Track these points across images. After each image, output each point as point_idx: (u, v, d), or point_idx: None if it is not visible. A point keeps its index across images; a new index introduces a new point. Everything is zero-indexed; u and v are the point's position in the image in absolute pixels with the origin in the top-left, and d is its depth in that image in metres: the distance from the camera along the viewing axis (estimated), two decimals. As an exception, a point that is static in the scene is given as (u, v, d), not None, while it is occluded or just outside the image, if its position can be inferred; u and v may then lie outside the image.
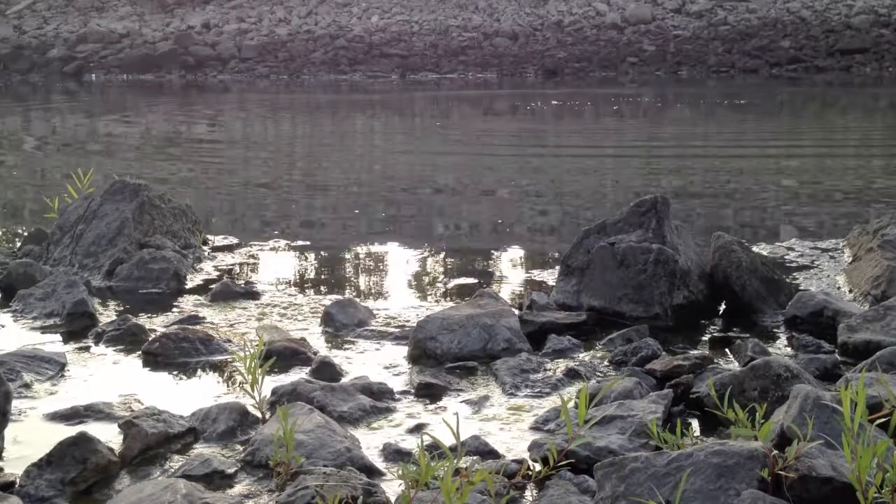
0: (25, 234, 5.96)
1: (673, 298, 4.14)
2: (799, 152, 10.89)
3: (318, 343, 3.97)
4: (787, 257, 5.32)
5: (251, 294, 4.66)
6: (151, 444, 2.90)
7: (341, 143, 12.98)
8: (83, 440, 2.71)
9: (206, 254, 5.59)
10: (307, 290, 4.82)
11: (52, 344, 3.97)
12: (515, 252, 5.87)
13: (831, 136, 12.67)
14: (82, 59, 27.70)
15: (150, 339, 3.90)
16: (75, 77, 26.75)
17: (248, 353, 3.08)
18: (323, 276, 5.14)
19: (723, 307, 4.33)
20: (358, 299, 4.38)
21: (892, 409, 2.38)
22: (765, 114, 15.66)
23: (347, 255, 5.85)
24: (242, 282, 4.81)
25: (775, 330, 4.06)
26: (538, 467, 2.65)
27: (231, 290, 4.65)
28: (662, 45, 24.90)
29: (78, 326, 4.20)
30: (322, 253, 5.90)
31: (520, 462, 2.69)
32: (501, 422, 3.13)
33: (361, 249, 6.03)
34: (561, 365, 3.62)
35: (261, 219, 7.20)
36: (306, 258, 5.66)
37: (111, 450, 2.79)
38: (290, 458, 2.62)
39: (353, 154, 11.58)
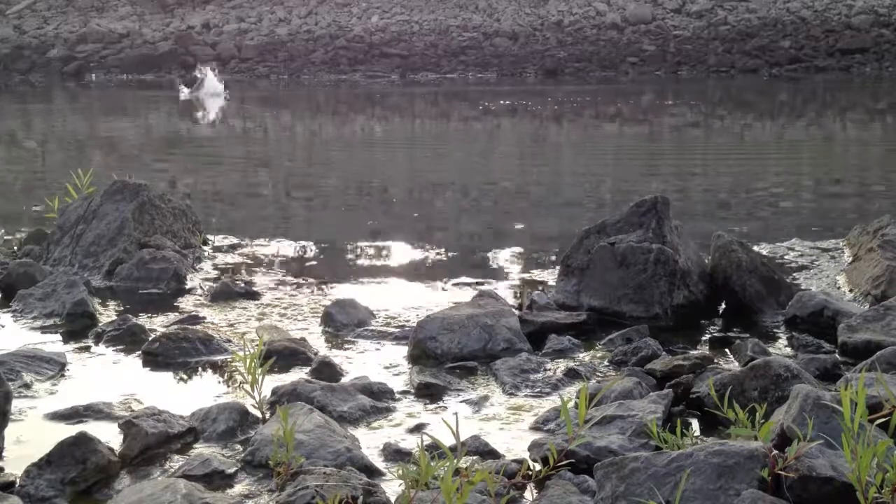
0: (25, 234, 5.96)
1: (673, 298, 4.14)
2: (798, 152, 10.89)
3: (318, 343, 3.97)
4: (787, 257, 5.32)
5: (251, 294, 4.65)
6: (151, 444, 2.90)
7: (341, 143, 12.97)
8: (83, 440, 2.71)
9: (206, 254, 5.58)
10: (307, 290, 4.82)
11: (52, 344, 3.97)
12: (515, 252, 5.86)
13: (830, 136, 12.67)
14: (82, 59, 27.69)
15: (150, 339, 3.90)
16: (75, 77, 26.75)
17: (248, 353, 3.08)
18: (323, 276, 5.14)
19: (723, 307, 4.33)
20: (358, 299, 4.38)
21: (892, 409, 2.38)
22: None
23: (347, 255, 5.84)
24: (242, 282, 4.81)
25: (775, 330, 4.06)
26: (538, 467, 2.65)
27: (231, 290, 4.65)
28: (662, 45, 24.89)
29: (78, 326, 4.20)
30: (322, 253, 5.89)
31: (520, 462, 2.69)
32: (501, 422, 3.13)
33: (361, 249, 6.03)
34: (561, 365, 3.61)
35: (261, 218, 7.20)
36: (306, 258, 5.66)
37: (111, 450, 2.79)
38: (290, 458, 2.62)
39: (353, 155, 11.58)
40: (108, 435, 2.95)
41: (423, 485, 2.33)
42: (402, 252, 5.84)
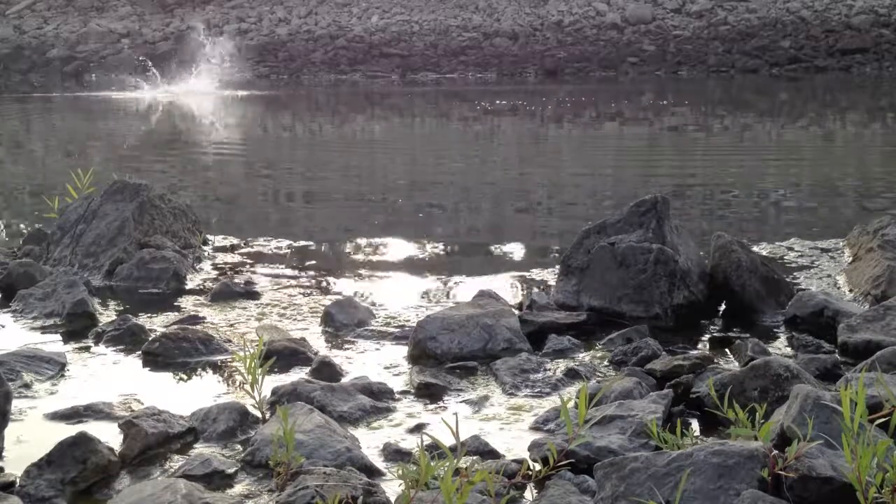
0: (25, 234, 5.96)
1: (673, 298, 4.14)
2: (798, 152, 10.89)
3: (318, 343, 3.97)
4: (787, 257, 5.32)
5: (251, 294, 4.65)
6: (151, 444, 2.90)
7: (341, 143, 12.97)
8: (83, 440, 2.71)
9: (206, 254, 5.58)
10: (307, 290, 4.82)
11: (52, 344, 3.97)
12: (515, 252, 5.86)
13: (830, 136, 12.67)
14: (82, 59, 27.70)
15: (150, 338, 3.90)
16: (75, 77, 26.74)
17: (248, 353, 3.08)
18: (323, 276, 5.14)
19: (723, 307, 4.33)
20: (358, 299, 4.38)
21: (892, 409, 2.38)
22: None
23: (347, 255, 5.85)
24: (242, 282, 4.81)
25: (775, 330, 4.06)
26: (538, 467, 2.64)
27: (231, 290, 4.65)
28: (662, 45, 24.90)
29: (78, 326, 4.20)
30: (322, 253, 5.89)
31: (520, 462, 2.69)
32: (501, 422, 3.13)
33: (361, 249, 6.02)
34: (561, 365, 3.61)
35: (261, 218, 7.20)
36: (306, 258, 5.66)
37: (111, 450, 2.79)
38: (290, 458, 2.62)
39: (353, 154, 11.58)
40: (108, 435, 2.95)
41: (423, 485, 2.33)
42: (402, 252, 5.84)
